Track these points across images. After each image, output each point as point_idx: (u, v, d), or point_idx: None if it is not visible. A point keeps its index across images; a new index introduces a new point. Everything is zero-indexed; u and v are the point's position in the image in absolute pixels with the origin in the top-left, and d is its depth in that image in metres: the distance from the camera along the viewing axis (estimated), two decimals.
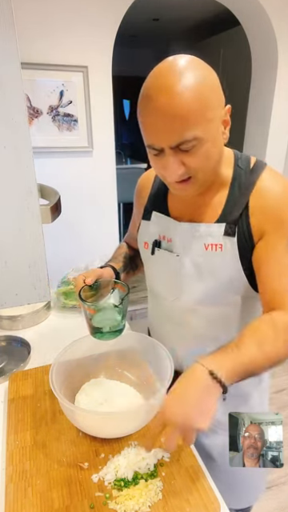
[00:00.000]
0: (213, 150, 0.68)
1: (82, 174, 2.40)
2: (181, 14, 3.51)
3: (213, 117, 0.65)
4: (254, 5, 2.37)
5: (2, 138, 0.82)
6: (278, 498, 1.65)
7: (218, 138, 0.68)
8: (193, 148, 0.65)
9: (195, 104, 0.61)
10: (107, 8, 2.13)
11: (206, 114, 0.63)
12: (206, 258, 0.78)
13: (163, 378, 0.77)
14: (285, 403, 2.15)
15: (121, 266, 0.99)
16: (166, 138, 0.64)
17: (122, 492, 0.67)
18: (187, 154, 0.66)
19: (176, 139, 0.64)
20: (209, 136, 0.65)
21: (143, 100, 0.65)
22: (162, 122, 0.63)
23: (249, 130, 2.87)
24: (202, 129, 0.64)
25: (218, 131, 0.68)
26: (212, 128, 0.66)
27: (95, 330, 0.82)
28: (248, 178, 0.75)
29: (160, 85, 0.62)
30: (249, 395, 0.93)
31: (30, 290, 0.98)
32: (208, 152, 0.67)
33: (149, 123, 0.65)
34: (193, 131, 0.63)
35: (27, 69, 2.04)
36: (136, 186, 0.98)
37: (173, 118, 0.62)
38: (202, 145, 0.65)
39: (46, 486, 0.69)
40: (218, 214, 0.77)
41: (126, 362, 0.93)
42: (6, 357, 1.10)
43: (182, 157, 0.66)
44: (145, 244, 0.90)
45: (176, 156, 0.66)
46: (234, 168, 0.77)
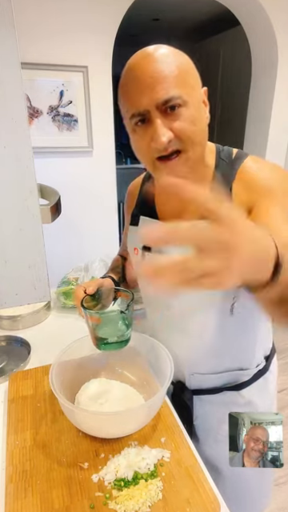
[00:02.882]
0: (198, 119, 0.67)
1: (82, 174, 2.40)
2: (181, 14, 3.51)
3: (194, 85, 0.67)
4: (253, 5, 2.37)
5: (2, 138, 0.82)
6: (278, 498, 1.65)
7: (201, 109, 0.69)
8: (179, 108, 0.64)
9: (176, 69, 0.64)
10: (107, 8, 2.13)
11: (187, 80, 0.66)
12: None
13: (163, 378, 0.77)
14: (285, 403, 2.15)
15: (120, 277, 0.98)
16: (152, 96, 0.64)
17: (122, 492, 0.67)
18: (173, 116, 0.65)
19: (163, 95, 0.63)
20: (193, 101, 0.66)
21: (125, 74, 0.67)
22: (146, 84, 0.64)
23: (249, 129, 2.87)
24: (186, 92, 0.65)
25: (200, 105, 0.69)
26: (195, 96, 0.67)
27: (100, 340, 0.78)
28: (230, 168, 0.74)
29: (140, 58, 0.66)
30: (254, 404, 0.91)
31: (29, 290, 0.98)
32: (193, 117, 0.66)
33: (134, 89, 0.65)
34: (178, 90, 0.64)
35: (27, 69, 2.04)
36: (126, 192, 0.97)
37: (157, 78, 0.63)
38: (188, 107, 0.65)
39: (45, 486, 0.69)
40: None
41: (126, 362, 0.93)
42: (6, 357, 1.10)
43: (168, 122, 0.65)
44: (134, 250, 0.88)
45: (162, 119, 0.65)
46: (216, 160, 0.76)
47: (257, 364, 0.90)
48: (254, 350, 0.89)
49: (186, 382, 0.92)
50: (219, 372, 0.88)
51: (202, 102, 0.70)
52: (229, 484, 0.79)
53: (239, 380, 0.89)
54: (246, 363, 0.88)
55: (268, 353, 0.94)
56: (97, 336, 0.78)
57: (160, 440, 0.78)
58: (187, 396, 0.91)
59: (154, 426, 0.82)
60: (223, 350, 0.85)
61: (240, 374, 0.88)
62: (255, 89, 2.75)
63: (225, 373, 0.88)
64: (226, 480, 0.84)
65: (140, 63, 0.65)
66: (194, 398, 0.91)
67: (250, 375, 0.89)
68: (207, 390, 0.90)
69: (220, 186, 0.73)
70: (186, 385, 0.92)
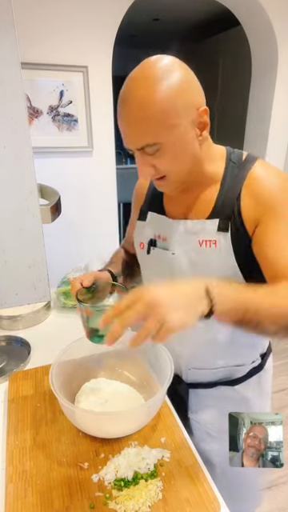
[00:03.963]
0: (180, 154, 0.70)
1: (82, 174, 2.40)
2: (181, 14, 3.51)
3: (177, 123, 0.66)
4: (253, 5, 2.37)
5: (2, 138, 0.83)
6: (278, 498, 1.65)
7: (187, 142, 0.69)
8: (157, 152, 0.68)
9: (157, 114, 0.64)
10: (107, 8, 2.13)
11: (167, 122, 0.66)
12: (200, 254, 0.78)
13: (163, 378, 0.77)
14: (285, 403, 2.15)
15: (119, 270, 0.99)
16: (130, 141, 0.70)
17: (122, 492, 0.67)
18: (153, 156, 0.69)
19: (138, 143, 0.68)
20: (173, 141, 0.68)
21: (118, 106, 0.70)
22: (127, 127, 0.69)
23: (249, 129, 2.87)
24: (164, 135, 0.66)
25: (187, 135, 0.69)
26: (176, 133, 0.67)
27: (92, 332, 0.79)
28: (240, 171, 0.76)
29: (126, 95, 0.67)
30: (249, 400, 0.93)
31: (29, 290, 0.98)
32: (174, 155, 0.70)
33: (120, 126, 0.70)
34: (154, 137, 0.66)
35: (27, 69, 2.04)
36: (136, 185, 0.99)
37: (135, 125, 0.67)
38: (166, 149, 0.68)
39: (45, 486, 0.69)
40: (211, 209, 0.77)
41: (126, 362, 0.93)
42: (6, 357, 1.10)
43: (150, 159, 0.70)
44: (140, 244, 0.91)
45: (143, 157, 0.70)
46: (226, 162, 0.78)
47: (252, 361, 0.92)
48: (250, 347, 0.91)
49: (183, 375, 0.93)
50: (216, 368, 0.90)
51: (194, 126, 0.69)
52: (222, 479, 0.80)
53: (234, 376, 0.91)
54: (242, 359, 0.90)
55: (264, 350, 0.96)
56: (89, 327, 0.78)
57: (160, 440, 0.78)
58: (183, 389, 0.93)
59: (153, 426, 0.82)
60: (221, 347, 0.86)
61: (235, 370, 0.91)
62: (255, 89, 2.75)
63: (221, 368, 0.90)
64: (219, 475, 0.85)
65: (123, 102, 0.68)
66: (190, 391, 0.94)
67: (244, 372, 0.92)
68: (203, 383, 0.92)
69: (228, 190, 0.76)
70: (183, 378, 0.94)
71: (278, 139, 2.71)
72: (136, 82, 0.66)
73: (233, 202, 0.74)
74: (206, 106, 0.69)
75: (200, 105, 0.68)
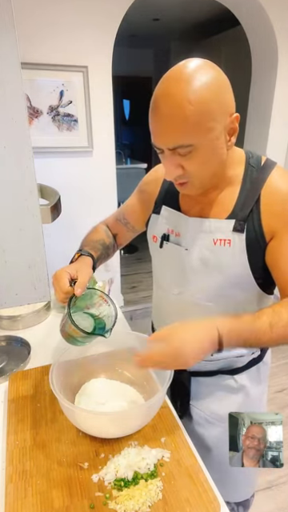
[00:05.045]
0: (211, 158, 0.71)
1: (82, 174, 2.40)
2: (181, 14, 3.51)
3: (213, 126, 0.67)
4: (253, 5, 2.37)
5: (2, 138, 0.83)
6: (278, 498, 1.65)
7: (218, 146, 0.70)
8: (189, 153, 0.68)
9: (194, 116, 0.64)
10: (107, 8, 2.13)
11: (204, 125, 0.66)
12: (214, 252, 0.80)
13: (163, 378, 0.77)
14: (285, 403, 2.15)
15: (98, 255, 0.95)
16: (163, 140, 0.69)
17: (122, 492, 0.67)
18: (184, 157, 0.70)
19: (172, 143, 0.68)
20: (206, 144, 0.68)
21: (151, 104, 0.69)
22: (161, 127, 0.68)
23: (249, 129, 2.87)
24: (200, 137, 0.67)
25: (219, 139, 0.69)
26: (211, 137, 0.68)
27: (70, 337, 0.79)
28: (259, 175, 0.78)
29: (164, 93, 0.66)
30: (246, 388, 0.95)
31: (29, 290, 0.98)
32: (205, 158, 0.70)
33: (152, 125, 0.70)
34: (189, 138, 0.67)
35: (27, 69, 2.05)
36: (148, 174, 0.99)
37: (171, 125, 0.66)
38: (199, 152, 0.68)
39: (46, 486, 0.69)
40: (229, 210, 0.79)
41: (126, 362, 0.93)
42: (6, 357, 1.10)
43: (180, 159, 0.70)
44: (153, 237, 0.92)
45: (173, 158, 0.70)
46: (245, 166, 0.79)
47: (252, 352, 0.94)
48: None
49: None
50: (217, 359, 0.92)
51: (225, 132, 0.70)
52: (216, 464, 0.82)
53: (234, 365, 0.94)
54: (242, 351, 0.92)
55: None
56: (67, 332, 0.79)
57: (160, 440, 0.78)
58: (185, 376, 0.96)
59: (153, 426, 0.82)
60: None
61: (235, 361, 0.93)
62: (255, 89, 2.75)
63: (222, 359, 0.92)
64: (213, 460, 0.87)
65: (159, 101, 0.67)
66: (192, 378, 0.97)
67: (244, 362, 0.94)
68: (204, 372, 0.95)
69: (247, 193, 0.78)
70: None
71: (277, 139, 2.72)
72: (175, 82, 0.65)
73: (252, 204, 0.76)
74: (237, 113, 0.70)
75: (233, 111, 0.70)
